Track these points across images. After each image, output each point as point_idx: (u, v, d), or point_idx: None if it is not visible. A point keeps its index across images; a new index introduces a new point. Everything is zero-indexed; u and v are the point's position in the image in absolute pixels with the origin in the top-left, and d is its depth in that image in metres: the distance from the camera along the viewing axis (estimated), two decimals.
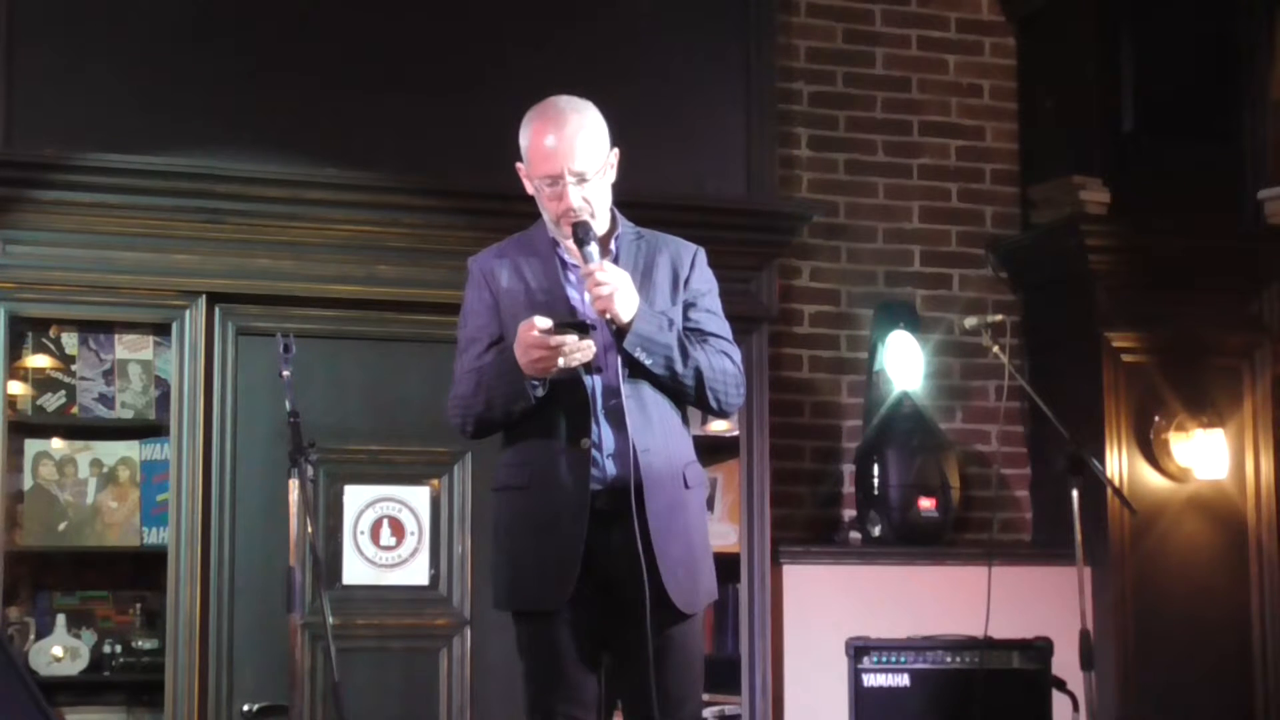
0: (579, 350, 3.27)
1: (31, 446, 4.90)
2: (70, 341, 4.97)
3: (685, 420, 3.52)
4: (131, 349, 5.00)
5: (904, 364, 5.62)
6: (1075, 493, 4.48)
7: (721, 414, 3.61)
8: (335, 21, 5.13)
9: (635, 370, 3.34)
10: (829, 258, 5.86)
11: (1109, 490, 5.11)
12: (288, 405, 4.08)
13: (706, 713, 3.50)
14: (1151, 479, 5.65)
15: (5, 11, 4.84)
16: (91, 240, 4.78)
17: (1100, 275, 5.68)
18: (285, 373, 4.12)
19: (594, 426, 3.36)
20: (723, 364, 3.45)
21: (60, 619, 4.90)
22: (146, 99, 4.93)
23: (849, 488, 5.72)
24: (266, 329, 4.72)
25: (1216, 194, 5.96)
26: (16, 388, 4.88)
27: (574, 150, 3.41)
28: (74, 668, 4.87)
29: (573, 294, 3.45)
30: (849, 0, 5.97)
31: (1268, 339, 5.84)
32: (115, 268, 4.80)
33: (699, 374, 3.40)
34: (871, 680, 4.96)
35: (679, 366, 3.37)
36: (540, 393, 3.32)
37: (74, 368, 4.97)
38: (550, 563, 3.34)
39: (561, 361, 3.27)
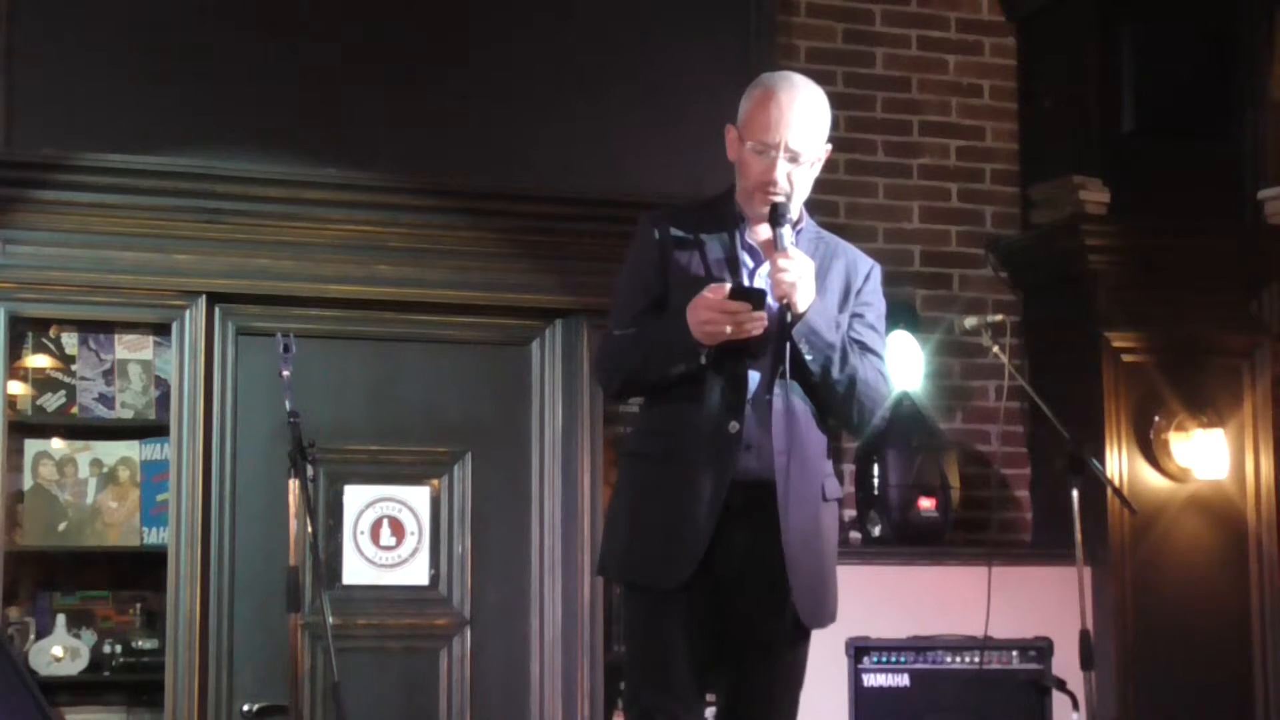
0: (751, 321, 3.17)
1: (31, 446, 4.90)
2: (70, 341, 4.97)
3: (827, 433, 3.40)
4: (131, 349, 5.00)
5: (904, 364, 5.62)
6: (1075, 493, 4.47)
7: (858, 431, 3.46)
8: (335, 21, 5.13)
9: (792, 371, 3.25)
10: None
11: (1109, 490, 5.11)
12: (288, 405, 4.09)
13: (705, 711, 3.45)
14: (1151, 479, 5.65)
15: (5, 11, 4.84)
16: (91, 240, 4.78)
17: (1100, 275, 5.68)
18: (285, 373, 4.13)
19: (745, 414, 3.25)
20: (876, 381, 3.36)
21: (60, 619, 4.89)
22: (146, 99, 4.93)
23: (849, 488, 5.71)
24: (266, 329, 4.72)
25: (1216, 194, 5.96)
26: (16, 388, 4.88)
27: (795, 126, 3.30)
28: (74, 668, 4.86)
29: (745, 276, 3.34)
30: (849, 0, 5.97)
31: (1268, 339, 5.84)
32: (115, 268, 4.80)
33: (852, 383, 3.30)
34: (871, 680, 4.96)
35: (835, 370, 3.27)
36: (703, 359, 3.22)
37: (74, 368, 4.96)
38: (675, 540, 3.23)
39: (729, 330, 3.17)
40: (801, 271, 3.22)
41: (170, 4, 5.02)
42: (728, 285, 3.19)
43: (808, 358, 3.25)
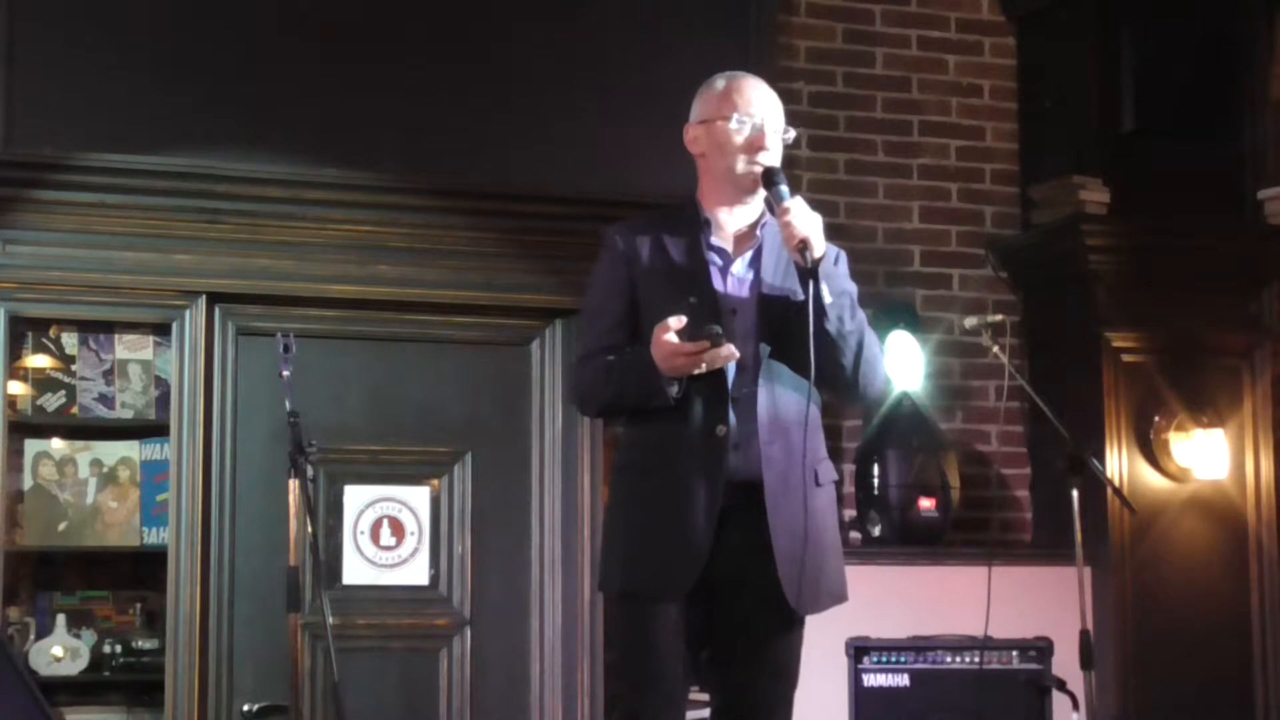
0: (718, 359, 3.16)
1: (31, 446, 4.90)
2: (70, 341, 4.97)
3: (820, 416, 3.36)
4: (131, 349, 5.00)
5: (904, 364, 5.62)
6: (1075, 493, 4.47)
7: (866, 395, 3.42)
8: (335, 21, 5.13)
9: (772, 357, 3.24)
10: None
11: (1109, 490, 5.11)
12: (288, 405, 4.09)
13: (703, 712, 3.45)
14: (1151, 479, 5.65)
15: (5, 11, 4.84)
16: (91, 240, 4.78)
17: (1100, 275, 5.68)
18: (285, 373, 4.13)
19: (729, 413, 3.24)
20: (873, 341, 3.36)
21: (60, 619, 4.89)
22: (146, 99, 4.93)
23: (849, 488, 5.71)
24: (266, 329, 4.72)
25: (1216, 194, 5.96)
26: (16, 388, 4.88)
27: (774, 110, 3.36)
28: (74, 668, 4.87)
29: (715, 277, 3.32)
30: (849, 0, 5.97)
31: (1268, 339, 5.84)
32: (115, 268, 4.80)
33: (861, 337, 3.30)
34: (871, 680, 4.96)
35: (848, 318, 3.27)
36: (676, 392, 3.20)
37: (74, 368, 4.96)
38: (674, 552, 3.22)
39: (703, 367, 3.17)
40: (809, 216, 3.22)
41: (171, 4, 5.02)
42: (683, 321, 3.15)
43: (828, 301, 3.20)
